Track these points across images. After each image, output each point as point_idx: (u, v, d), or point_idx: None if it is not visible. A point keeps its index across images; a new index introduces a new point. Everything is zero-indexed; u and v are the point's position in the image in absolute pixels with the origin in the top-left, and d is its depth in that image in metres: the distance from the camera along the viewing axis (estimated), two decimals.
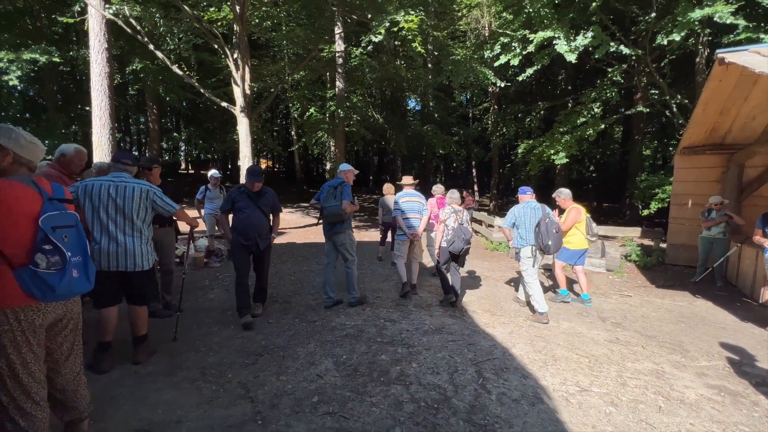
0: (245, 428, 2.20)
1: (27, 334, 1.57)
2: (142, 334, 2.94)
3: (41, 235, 1.57)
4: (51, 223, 1.60)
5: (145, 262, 2.81)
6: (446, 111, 18.83)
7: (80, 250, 1.70)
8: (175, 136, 19.28)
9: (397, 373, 2.89)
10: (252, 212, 3.78)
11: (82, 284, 1.68)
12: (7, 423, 1.54)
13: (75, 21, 9.61)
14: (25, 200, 1.58)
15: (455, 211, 4.46)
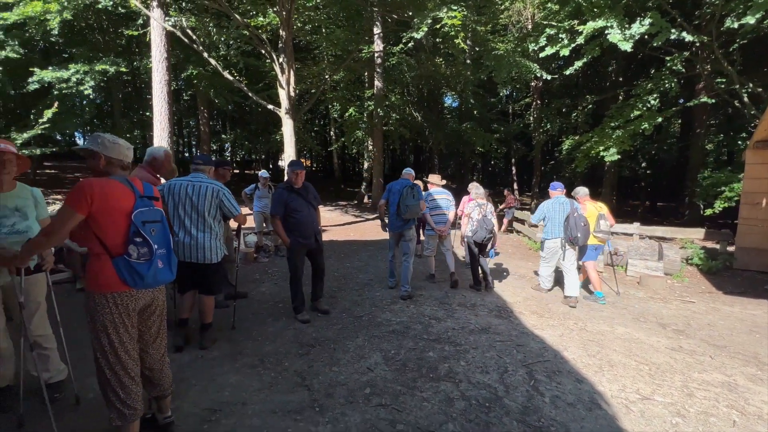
0: (304, 414, 2.33)
1: (123, 316, 1.78)
2: (208, 322, 3.19)
3: (133, 229, 1.76)
4: (141, 218, 1.78)
5: (214, 256, 3.07)
6: (486, 107, 18.41)
7: (165, 243, 1.88)
8: (223, 138, 20.40)
9: (446, 371, 2.91)
10: (307, 210, 3.79)
11: (165, 274, 1.86)
12: (110, 393, 1.75)
13: (138, 34, 10.48)
14: (122, 197, 1.77)
15: (479, 205, 4.95)
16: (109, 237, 1.73)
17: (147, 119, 15.85)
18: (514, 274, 6.24)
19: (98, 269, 1.73)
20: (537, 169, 18.23)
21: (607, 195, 15.72)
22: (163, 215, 1.92)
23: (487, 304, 4.59)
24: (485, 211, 4.89)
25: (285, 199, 3.72)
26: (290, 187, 3.78)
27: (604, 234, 4.76)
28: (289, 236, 3.75)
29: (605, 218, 4.80)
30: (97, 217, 1.71)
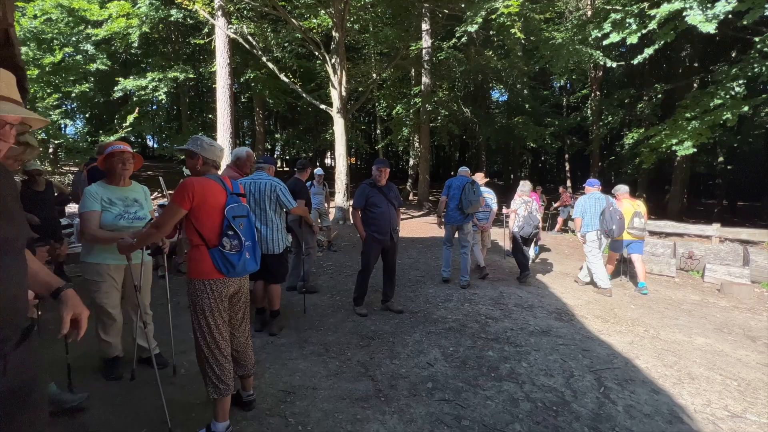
0: (371, 402, 2.43)
1: (217, 301, 1.97)
2: (276, 309, 3.44)
3: (226, 223, 1.93)
4: (232, 213, 1.95)
5: (276, 247, 3.33)
6: (538, 100, 17.56)
7: (250, 236, 2.03)
8: (277, 137, 21.44)
9: (508, 371, 2.87)
10: (386, 207, 3.86)
11: (251, 264, 2.02)
12: (208, 370, 1.96)
13: (204, 42, 11.33)
14: (217, 194, 1.95)
15: (525, 202, 5.31)
16: (206, 230, 1.92)
17: (209, 121, 17.11)
18: (573, 276, 5.93)
19: (198, 259, 1.93)
20: (594, 165, 17.05)
21: (677, 193, 14.35)
22: (249, 210, 2.09)
23: (546, 306, 4.43)
24: (531, 208, 5.26)
25: (367, 194, 3.85)
26: (373, 183, 3.92)
27: (637, 230, 5.10)
28: (366, 230, 3.87)
29: (640, 216, 5.11)
30: (197, 212, 1.91)
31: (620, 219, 4.84)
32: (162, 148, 15.25)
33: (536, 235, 5.31)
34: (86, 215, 2.34)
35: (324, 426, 2.18)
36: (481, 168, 21.95)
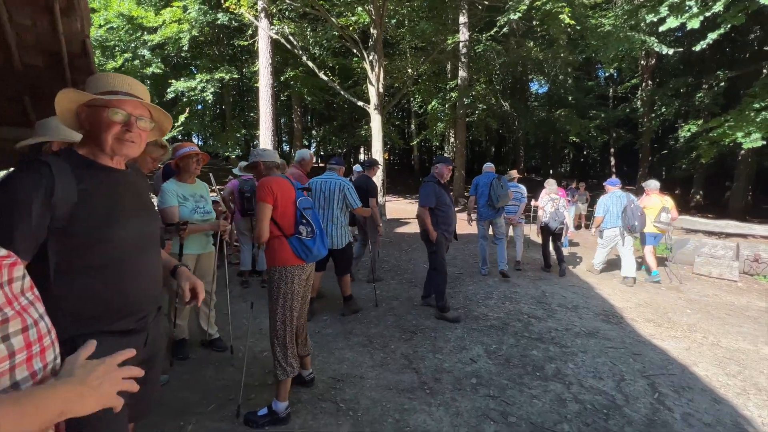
0: (416, 393, 2.50)
1: (297, 286, 2.15)
2: (348, 295, 3.80)
3: (299, 214, 2.18)
4: (302, 206, 2.21)
5: (340, 242, 3.61)
6: (582, 92, 16.68)
7: (318, 225, 2.25)
8: (314, 134, 21.99)
9: (553, 371, 2.83)
10: (451, 205, 3.88)
11: (321, 249, 2.21)
12: (279, 352, 2.14)
13: (247, 43, 11.81)
14: (289, 189, 2.20)
15: (552, 199, 5.62)
16: (284, 221, 2.15)
17: (250, 119, 17.86)
18: (619, 277, 5.66)
19: (279, 248, 2.13)
20: (644, 159, 15.99)
21: (741, 190, 13.15)
22: (313, 203, 2.39)
23: (592, 307, 4.29)
24: (558, 205, 5.54)
25: (436, 192, 3.75)
26: (438, 181, 3.84)
27: (663, 225, 5.33)
28: (436, 229, 3.75)
29: (668, 211, 5.32)
30: (277, 206, 2.13)
31: (641, 215, 5.09)
32: (209, 145, 16.12)
33: (562, 230, 5.64)
34: (168, 210, 2.60)
35: (373, 413, 2.29)
36: (519, 163, 21.31)
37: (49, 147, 1.79)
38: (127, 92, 1.09)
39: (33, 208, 0.95)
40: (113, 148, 1.08)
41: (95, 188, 1.06)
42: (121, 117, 1.07)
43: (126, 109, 1.08)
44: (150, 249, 1.15)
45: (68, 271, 0.99)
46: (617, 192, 5.41)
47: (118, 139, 1.08)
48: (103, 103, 1.07)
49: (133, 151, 1.12)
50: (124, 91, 1.09)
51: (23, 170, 1.01)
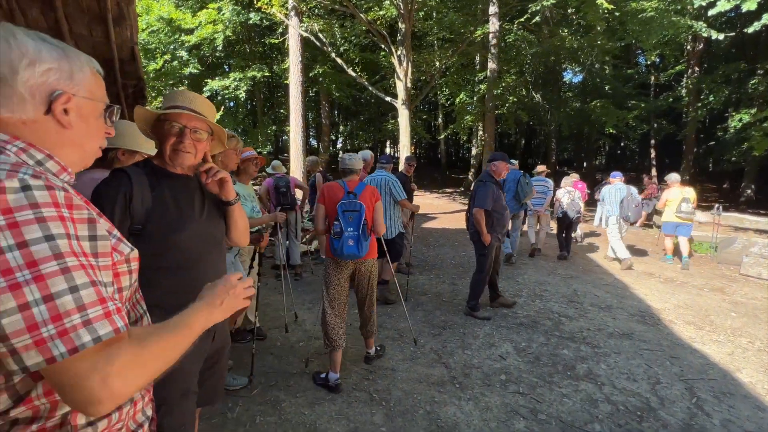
0: (446, 387, 2.58)
1: (332, 275, 2.57)
2: (386, 280, 4.18)
3: (337, 215, 2.46)
4: (342, 208, 2.47)
5: (390, 233, 3.92)
6: (621, 80, 15.83)
7: (357, 227, 2.43)
8: (342, 129, 22.24)
9: (585, 371, 2.82)
10: (506, 207, 3.84)
11: (352, 250, 2.40)
12: (324, 327, 2.55)
13: (278, 42, 12.08)
14: (337, 193, 2.54)
15: (568, 192, 6.27)
16: (330, 220, 2.51)
17: (280, 116, 18.30)
18: (658, 277, 5.45)
19: (325, 242, 2.58)
20: (688, 151, 15.03)
21: None
22: (363, 207, 2.49)
23: (626, 307, 4.17)
24: (573, 197, 6.19)
25: (495, 194, 3.65)
26: (496, 180, 3.72)
27: (685, 214, 5.79)
28: (490, 232, 3.64)
29: (688, 202, 5.79)
30: (327, 207, 2.55)
31: (636, 206, 5.74)
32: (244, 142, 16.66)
33: (578, 219, 6.29)
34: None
35: (404, 404, 2.38)
36: (550, 156, 20.59)
37: (114, 154, 1.97)
38: (187, 106, 1.21)
39: (115, 213, 1.10)
40: (171, 157, 1.22)
41: (166, 194, 1.20)
42: (176, 129, 1.20)
43: (181, 121, 1.20)
44: (213, 250, 1.28)
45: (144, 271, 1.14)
46: (618, 184, 6.02)
47: (174, 149, 1.21)
48: (164, 117, 1.20)
49: (188, 160, 1.23)
50: (184, 106, 1.21)
51: (106, 179, 1.17)
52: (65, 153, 0.66)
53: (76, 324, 0.50)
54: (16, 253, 0.48)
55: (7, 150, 0.58)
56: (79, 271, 0.52)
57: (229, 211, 1.34)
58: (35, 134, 0.61)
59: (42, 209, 0.51)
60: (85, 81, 0.67)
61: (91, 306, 0.52)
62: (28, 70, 0.59)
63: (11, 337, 0.47)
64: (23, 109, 0.60)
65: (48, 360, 0.48)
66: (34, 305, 0.48)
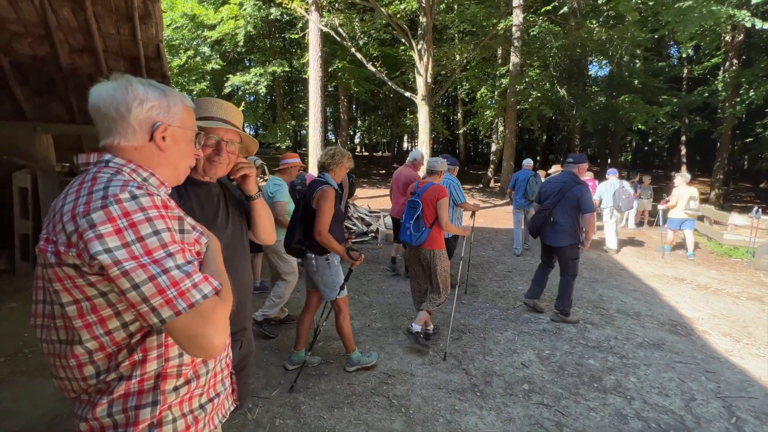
0: (467, 395, 2.52)
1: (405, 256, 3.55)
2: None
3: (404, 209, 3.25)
4: (408, 204, 3.16)
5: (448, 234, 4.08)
6: (651, 74, 15.12)
7: (412, 220, 3.07)
8: (360, 125, 22.20)
9: (613, 383, 2.70)
10: None
11: (407, 238, 3.11)
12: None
13: (297, 37, 12.08)
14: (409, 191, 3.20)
15: None
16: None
17: (299, 110, 18.41)
18: (691, 283, 5.20)
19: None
20: (723, 148, 14.25)
21: None
22: (420, 205, 3.02)
23: (656, 315, 3.99)
24: None
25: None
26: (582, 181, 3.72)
27: (693, 211, 6.34)
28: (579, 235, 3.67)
29: (695, 200, 6.34)
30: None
31: (627, 198, 6.49)
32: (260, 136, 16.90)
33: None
34: (282, 204, 3.15)
35: (424, 412, 2.34)
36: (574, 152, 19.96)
37: None
38: (222, 117, 1.20)
39: None
40: (204, 168, 1.21)
41: (192, 203, 1.18)
42: (213, 141, 1.18)
43: (218, 134, 1.19)
44: (236, 255, 1.26)
45: None
46: (613, 179, 6.87)
47: (210, 160, 1.20)
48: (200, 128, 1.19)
49: (221, 171, 1.23)
50: (219, 117, 1.20)
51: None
52: (163, 171, 0.84)
53: (188, 287, 0.69)
54: (137, 246, 0.67)
55: (123, 171, 0.77)
56: (180, 254, 0.72)
57: (252, 207, 1.33)
58: (142, 157, 0.81)
59: (149, 211, 0.70)
60: (179, 113, 0.85)
61: (194, 274, 0.71)
62: (138, 108, 0.78)
63: (150, 298, 0.66)
64: (135, 138, 0.79)
65: (176, 312, 0.67)
66: (158, 276, 0.67)
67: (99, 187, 0.70)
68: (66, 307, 0.71)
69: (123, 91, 0.77)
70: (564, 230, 3.60)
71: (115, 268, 0.65)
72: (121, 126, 0.78)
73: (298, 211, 2.47)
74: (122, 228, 0.66)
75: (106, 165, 0.77)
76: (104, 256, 0.64)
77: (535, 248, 6.50)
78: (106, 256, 0.64)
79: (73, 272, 0.68)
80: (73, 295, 0.70)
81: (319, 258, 2.46)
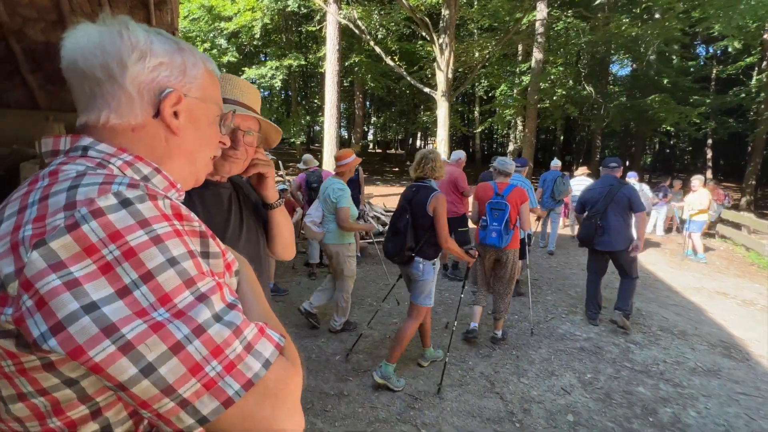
0: (504, 426, 2.24)
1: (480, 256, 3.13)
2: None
3: (486, 211, 3.08)
4: (491, 206, 3.06)
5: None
6: (681, 73, 14.43)
7: (501, 222, 3.00)
8: (374, 121, 21.90)
9: (670, 418, 2.38)
10: None
11: (493, 241, 3.04)
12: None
13: (315, 29, 11.84)
14: (488, 192, 3.15)
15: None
16: (480, 214, 3.17)
17: (313, 106, 18.20)
18: (736, 298, 4.79)
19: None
20: (757, 152, 13.49)
21: None
22: (508, 206, 3.03)
23: (704, 334, 3.63)
24: None
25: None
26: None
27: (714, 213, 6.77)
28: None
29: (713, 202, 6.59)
30: (479, 203, 3.19)
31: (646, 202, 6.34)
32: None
33: None
34: (346, 210, 3.08)
35: None
36: (594, 154, 19.35)
37: None
38: (237, 100, 0.93)
39: None
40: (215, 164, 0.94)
41: (198, 207, 0.93)
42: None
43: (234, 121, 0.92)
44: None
45: None
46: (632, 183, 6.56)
47: (222, 155, 0.92)
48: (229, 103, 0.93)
49: (236, 168, 0.96)
50: (233, 99, 0.92)
51: None
52: (174, 165, 0.55)
53: (240, 353, 0.41)
54: (144, 289, 0.38)
55: (111, 164, 0.47)
56: (216, 294, 0.42)
57: (270, 216, 1.06)
58: (142, 143, 0.51)
59: (153, 226, 0.41)
60: (199, 79, 0.56)
61: (244, 327, 0.42)
62: (138, 65, 0.50)
63: (177, 386, 0.37)
64: (132, 111, 0.50)
65: (225, 402, 0.39)
66: (186, 343, 0.38)
67: (59, 189, 0.40)
68: (9, 404, 0.42)
69: (115, 39, 0.49)
70: (619, 233, 3.51)
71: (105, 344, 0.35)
72: (110, 92, 0.49)
73: (402, 219, 2.52)
74: (110, 262, 0.37)
75: (83, 154, 0.47)
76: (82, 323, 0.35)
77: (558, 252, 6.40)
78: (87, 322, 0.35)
79: (13, 346, 0.38)
80: (18, 387, 0.41)
81: (426, 263, 2.53)
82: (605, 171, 3.80)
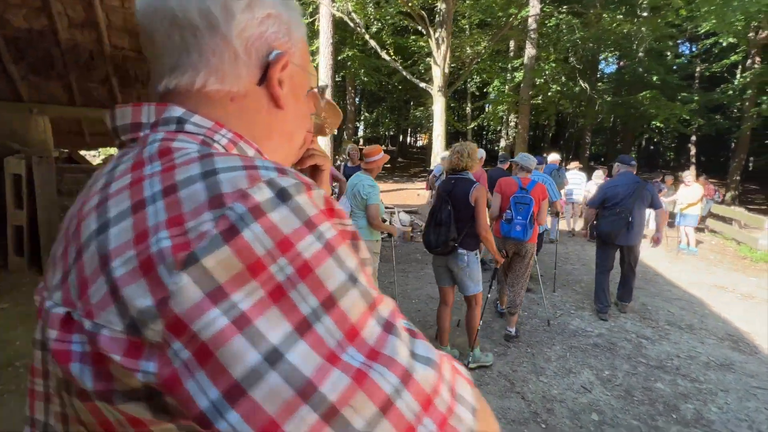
0: (530, 427, 2.17)
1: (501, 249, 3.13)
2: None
3: (509, 205, 3.08)
4: (515, 200, 3.07)
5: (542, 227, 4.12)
6: (668, 70, 14.68)
7: (524, 216, 3.03)
8: (366, 117, 21.68)
9: (693, 414, 2.36)
10: None
11: (517, 234, 3.04)
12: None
13: (308, 22, 11.56)
14: (511, 186, 3.15)
15: (596, 184, 6.69)
16: (503, 208, 3.16)
17: None
18: (734, 291, 4.86)
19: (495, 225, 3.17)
20: (741, 149, 13.88)
21: None
22: (532, 201, 3.03)
23: (711, 328, 3.65)
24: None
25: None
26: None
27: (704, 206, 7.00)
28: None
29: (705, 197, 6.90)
30: (501, 197, 3.18)
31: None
32: None
33: None
34: (376, 207, 3.00)
35: None
36: (584, 150, 19.61)
37: None
38: None
39: None
40: None
41: None
42: None
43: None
44: None
45: None
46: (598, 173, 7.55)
47: None
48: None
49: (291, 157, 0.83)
50: None
51: None
52: (272, 148, 0.42)
53: (449, 402, 0.29)
54: (327, 321, 0.26)
55: (216, 143, 0.35)
56: (399, 321, 0.30)
57: None
58: (241, 118, 0.39)
59: (320, 228, 0.29)
60: (300, 43, 0.44)
61: (443, 366, 0.31)
62: (246, 13, 0.37)
63: None
64: (236, 74, 0.38)
65: None
66: (396, 397, 0.26)
67: (189, 176, 0.29)
68: None
69: None
70: (639, 228, 3.68)
71: (304, 412, 0.23)
72: (210, 46, 0.36)
73: (443, 211, 2.56)
74: (282, 284, 0.26)
75: (179, 128, 0.35)
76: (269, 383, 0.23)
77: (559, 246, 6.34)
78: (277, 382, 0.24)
79: (146, 412, 0.26)
80: None
81: (470, 254, 2.60)
82: (625, 168, 3.82)
